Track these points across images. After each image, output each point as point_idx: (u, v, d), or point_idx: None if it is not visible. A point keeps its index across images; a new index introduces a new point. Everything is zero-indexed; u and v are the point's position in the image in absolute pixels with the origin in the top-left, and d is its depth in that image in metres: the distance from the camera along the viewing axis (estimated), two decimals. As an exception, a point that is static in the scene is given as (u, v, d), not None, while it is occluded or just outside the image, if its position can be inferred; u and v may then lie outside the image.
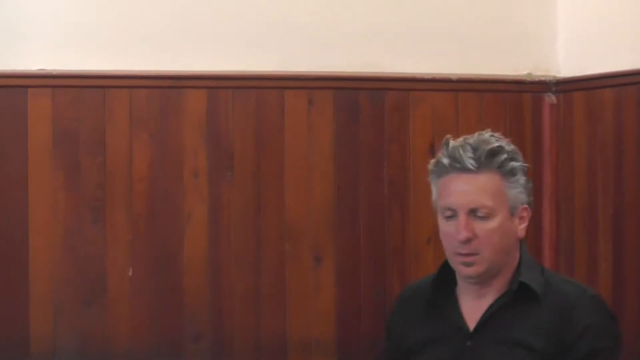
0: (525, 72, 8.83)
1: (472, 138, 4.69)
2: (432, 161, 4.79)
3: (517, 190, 4.69)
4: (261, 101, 8.25)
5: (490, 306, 4.67)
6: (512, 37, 9.06)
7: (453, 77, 8.46)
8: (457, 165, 4.63)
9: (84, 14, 8.26)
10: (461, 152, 4.64)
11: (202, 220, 7.92)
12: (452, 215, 4.64)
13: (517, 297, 4.68)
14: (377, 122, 8.10)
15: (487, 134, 4.75)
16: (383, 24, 8.64)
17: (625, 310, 7.40)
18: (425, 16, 8.70)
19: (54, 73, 8.01)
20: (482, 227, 4.51)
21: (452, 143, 4.73)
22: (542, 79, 8.83)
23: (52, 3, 8.42)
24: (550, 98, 8.79)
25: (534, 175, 8.03)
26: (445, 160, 4.68)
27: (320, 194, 8.27)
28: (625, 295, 7.72)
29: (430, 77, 8.43)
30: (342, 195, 8.26)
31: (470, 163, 4.58)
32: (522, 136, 8.49)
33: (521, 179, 4.75)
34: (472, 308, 4.77)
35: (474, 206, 4.57)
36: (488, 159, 4.57)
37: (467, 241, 4.53)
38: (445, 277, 4.86)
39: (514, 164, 4.62)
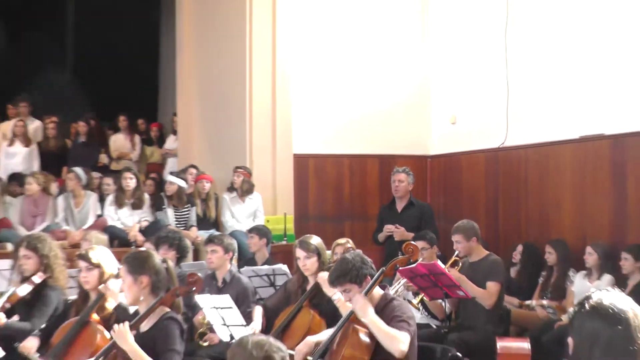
0: (421, 153, 12.80)
1: (405, 169, 10.08)
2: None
3: (410, 178, 10.05)
4: (359, 162, 12.27)
5: (404, 207, 10.04)
6: (417, 137, 12.76)
7: (402, 155, 12.43)
8: (395, 171, 10.07)
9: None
10: (396, 169, 10.08)
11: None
12: (394, 182, 10.00)
13: (410, 205, 10.07)
14: (389, 169, 10.78)
15: (402, 169, 10.12)
16: (385, 134, 12.47)
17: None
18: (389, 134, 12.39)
19: (316, 153, 12.11)
20: (401, 186, 9.93)
21: (395, 168, 10.16)
22: (426, 154, 12.87)
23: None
24: (429, 161, 12.82)
25: (424, 182, 12.57)
26: (394, 171, 10.07)
27: (374, 186, 12.18)
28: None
29: (395, 154, 12.41)
30: (381, 187, 11.93)
31: (398, 171, 9.99)
32: (422, 173, 12.35)
33: (410, 175, 10.03)
34: (400, 207, 10.06)
35: (399, 180, 10.00)
36: (403, 172, 9.94)
37: (397, 191, 10.01)
38: (393, 200, 10.13)
39: (409, 172, 10.04)
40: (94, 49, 18.43)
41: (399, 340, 5.37)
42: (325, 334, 6.24)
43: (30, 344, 6.34)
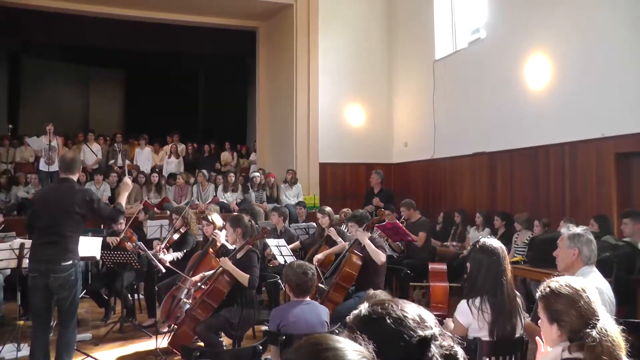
0: (388, 162, 12.13)
1: (378, 171, 10.10)
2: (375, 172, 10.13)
3: (380, 176, 9.77)
4: (355, 167, 11.78)
5: (379, 191, 9.79)
6: (386, 154, 12.18)
7: (378, 163, 11.78)
8: (373, 172, 9.95)
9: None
10: (373, 171, 9.93)
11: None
12: (372, 178, 9.95)
13: (381, 190, 9.74)
14: (370, 171, 10.76)
15: (376, 171, 10.00)
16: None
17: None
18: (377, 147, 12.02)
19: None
20: (374, 181, 9.76)
21: (373, 171, 10.22)
22: (391, 162, 12.17)
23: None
24: (392, 167, 12.08)
25: (389, 178, 11.60)
26: (373, 172, 10.02)
27: (362, 180, 11.51)
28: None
29: (374, 162, 11.76)
30: (366, 181, 11.23)
31: (374, 172, 9.93)
32: (389, 173, 11.65)
33: (380, 174, 9.85)
34: (376, 191, 9.82)
35: (373, 177, 9.89)
36: (376, 173, 9.88)
37: (372, 182, 9.83)
38: (372, 188, 9.97)
39: (380, 172, 9.91)
40: (213, 107, 18.46)
41: (381, 255, 5.44)
42: (332, 250, 6.42)
43: (169, 257, 6.50)
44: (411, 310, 1.28)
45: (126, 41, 13.88)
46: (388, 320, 1.24)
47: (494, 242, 3.36)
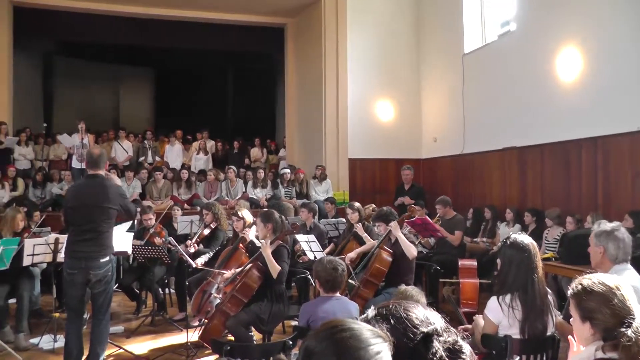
0: (418, 157, 12.08)
1: (409, 167, 10.05)
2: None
3: (412, 172, 9.70)
4: (384, 163, 11.74)
5: (409, 187, 9.81)
6: (415, 149, 12.16)
7: (407, 158, 11.68)
8: (404, 167, 9.86)
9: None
10: (404, 167, 9.84)
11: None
12: (404, 174, 9.88)
13: (412, 186, 9.79)
14: (399, 167, 10.90)
15: (407, 166, 9.85)
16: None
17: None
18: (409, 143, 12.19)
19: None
20: (408, 177, 9.71)
21: (404, 166, 10.11)
22: (420, 158, 12.13)
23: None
24: (422, 162, 12.05)
25: (419, 174, 11.34)
26: (403, 167, 10.01)
27: (392, 176, 11.71)
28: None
29: (403, 158, 11.69)
30: (396, 176, 11.36)
31: (406, 168, 9.89)
32: (418, 169, 11.32)
33: (412, 170, 9.78)
34: (407, 187, 9.76)
35: (406, 173, 9.83)
36: (408, 168, 9.83)
37: (405, 179, 9.83)
38: (403, 183, 9.99)
39: (411, 168, 9.78)
40: (242, 104, 18.64)
41: (413, 248, 5.43)
42: (363, 248, 6.34)
43: (201, 260, 6.63)
44: (416, 310, 1.32)
45: (155, 40, 14.13)
46: (392, 321, 1.28)
47: (525, 238, 3.32)
